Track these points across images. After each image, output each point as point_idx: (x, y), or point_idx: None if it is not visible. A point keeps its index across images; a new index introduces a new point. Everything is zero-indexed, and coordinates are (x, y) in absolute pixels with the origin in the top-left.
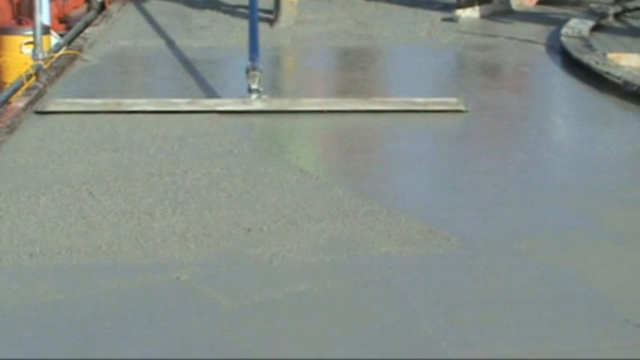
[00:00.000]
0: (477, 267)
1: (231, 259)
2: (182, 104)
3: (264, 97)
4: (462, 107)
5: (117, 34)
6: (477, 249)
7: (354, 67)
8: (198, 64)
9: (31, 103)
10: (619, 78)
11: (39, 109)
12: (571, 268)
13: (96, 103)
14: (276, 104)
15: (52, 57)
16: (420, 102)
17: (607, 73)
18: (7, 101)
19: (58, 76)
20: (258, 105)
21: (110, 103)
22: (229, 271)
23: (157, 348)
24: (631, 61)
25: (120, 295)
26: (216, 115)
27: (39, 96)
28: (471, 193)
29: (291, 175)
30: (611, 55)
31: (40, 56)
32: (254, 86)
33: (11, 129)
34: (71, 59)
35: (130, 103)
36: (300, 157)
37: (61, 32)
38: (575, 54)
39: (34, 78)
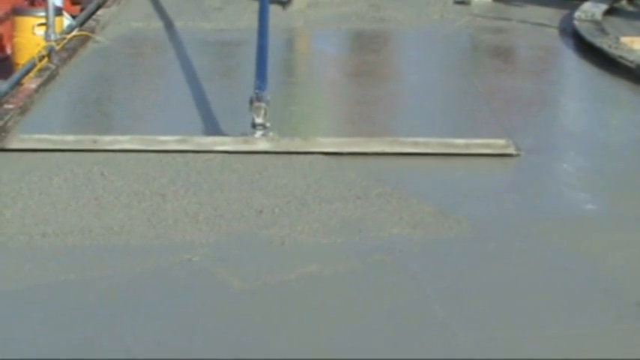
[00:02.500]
0: (488, 250)
1: (242, 241)
2: (171, 143)
3: (270, 134)
4: (512, 151)
5: (129, 15)
6: (488, 232)
7: (367, 50)
8: (210, 46)
9: (43, 84)
10: (632, 62)
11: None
12: (582, 251)
13: (68, 140)
14: (284, 144)
15: (64, 38)
16: (459, 144)
17: (620, 56)
18: (19, 82)
19: (70, 57)
20: (263, 145)
21: (85, 141)
22: (241, 253)
23: (168, 329)
24: None
25: (132, 275)
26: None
27: (51, 77)
28: (483, 177)
29: (303, 157)
30: (624, 39)
31: (53, 37)
32: (259, 120)
33: (23, 110)
34: (83, 41)
35: (108, 141)
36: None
37: (74, 14)
38: (588, 37)
39: (46, 59)
